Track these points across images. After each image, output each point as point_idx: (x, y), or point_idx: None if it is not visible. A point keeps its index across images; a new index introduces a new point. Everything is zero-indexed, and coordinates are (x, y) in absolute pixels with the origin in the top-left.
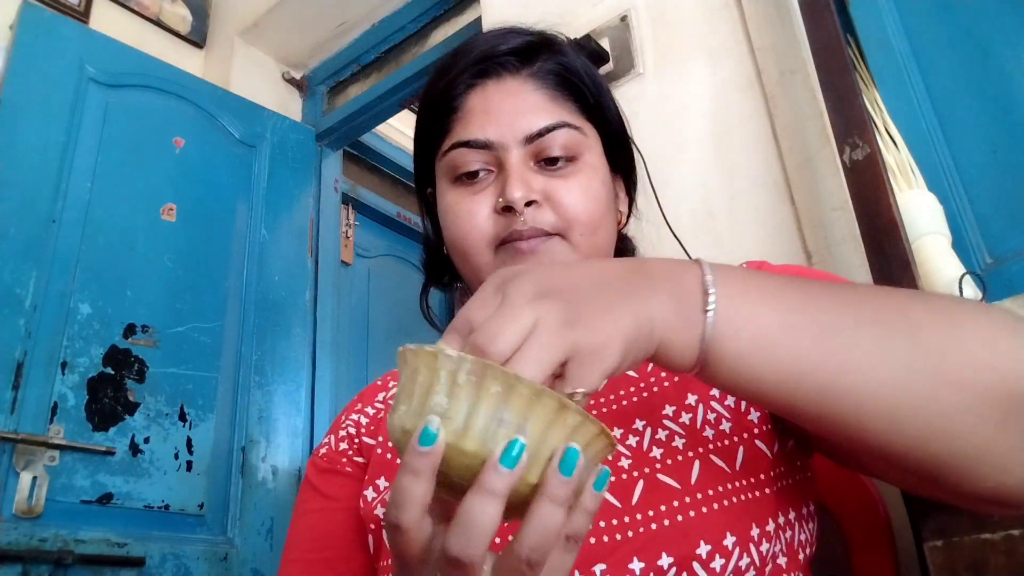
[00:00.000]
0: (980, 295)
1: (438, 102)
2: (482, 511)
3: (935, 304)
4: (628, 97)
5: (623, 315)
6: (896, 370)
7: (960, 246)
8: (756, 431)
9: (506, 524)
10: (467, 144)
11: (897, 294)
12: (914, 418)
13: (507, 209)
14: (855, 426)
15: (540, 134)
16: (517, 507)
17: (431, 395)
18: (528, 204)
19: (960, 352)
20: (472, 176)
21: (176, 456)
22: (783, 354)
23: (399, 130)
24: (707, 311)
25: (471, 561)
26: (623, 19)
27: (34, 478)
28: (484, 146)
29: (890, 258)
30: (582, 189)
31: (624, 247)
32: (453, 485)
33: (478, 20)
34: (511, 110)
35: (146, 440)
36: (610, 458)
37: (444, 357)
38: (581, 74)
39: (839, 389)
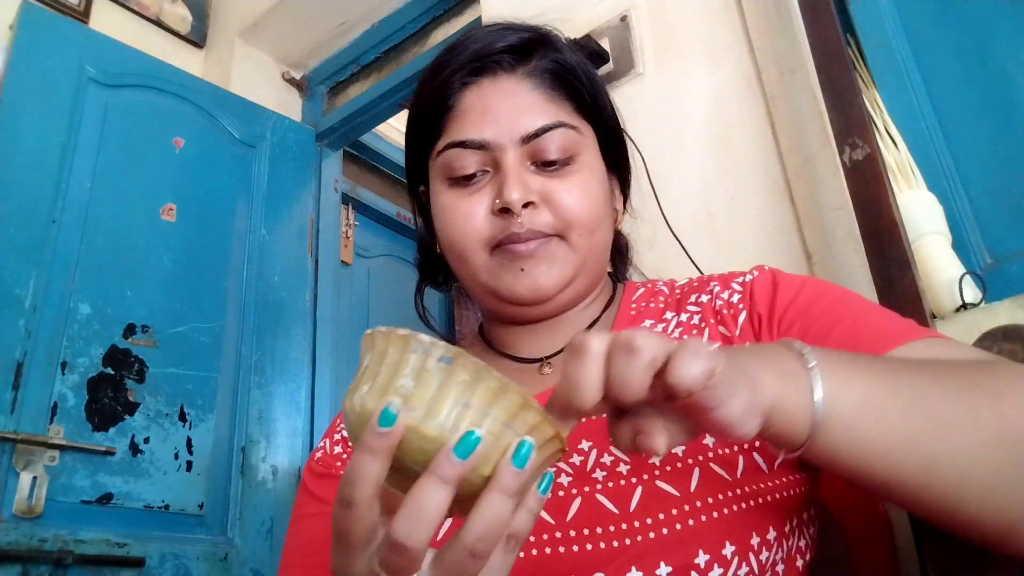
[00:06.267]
0: (980, 295)
1: (432, 100)
2: (431, 497)
3: (1006, 374)
4: (628, 97)
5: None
6: (987, 438)
7: (960, 246)
8: (757, 442)
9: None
10: (463, 144)
11: (967, 366)
12: (1000, 487)
13: (504, 211)
14: (954, 496)
15: (537, 134)
16: (466, 502)
17: (397, 377)
18: (525, 205)
19: None
20: (468, 178)
21: (176, 456)
22: (889, 417)
23: (399, 130)
24: (812, 377)
25: (415, 547)
26: (623, 19)
27: (34, 478)
28: (480, 147)
29: (890, 258)
30: (580, 189)
31: (618, 244)
32: (406, 471)
33: (478, 20)
34: (507, 110)
35: (146, 440)
36: (561, 464)
37: (416, 341)
38: (578, 72)
39: (941, 453)
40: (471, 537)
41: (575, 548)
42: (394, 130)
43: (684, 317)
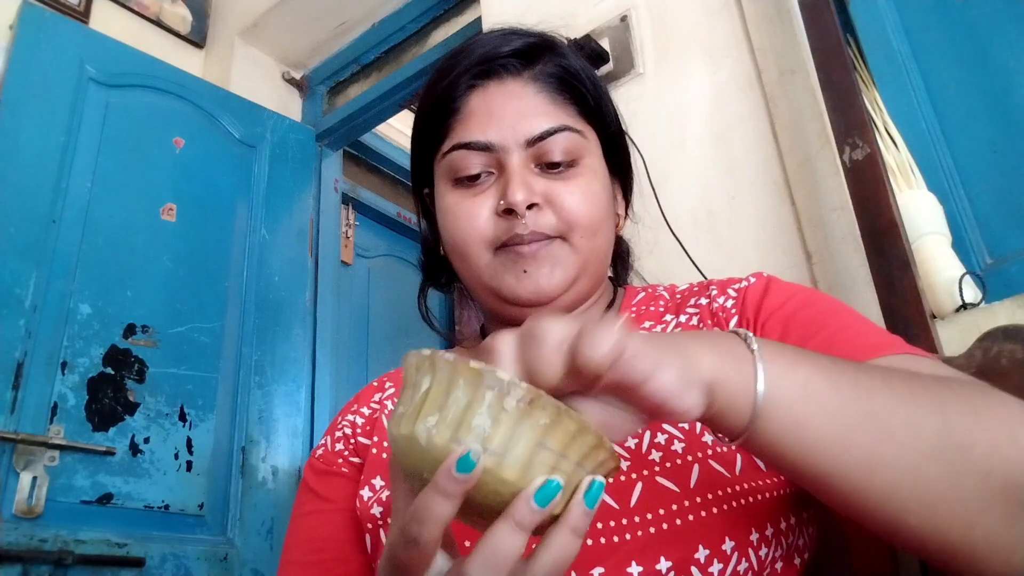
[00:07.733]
0: (980, 295)
1: (438, 103)
2: (508, 542)
3: (958, 389)
4: (628, 97)
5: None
6: (928, 446)
7: (960, 246)
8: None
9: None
10: (468, 146)
11: (926, 376)
12: (939, 500)
13: (508, 211)
14: (893, 504)
15: (541, 137)
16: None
17: (471, 415)
18: (529, 207)
19: (985, 440)
20: (473, 178)
21: (176, 456)
22: (830, 409)
23: (399, 130)
24: (755, 359)
25: None
26: (623, 19)
27: (34, 478)
28: (485, 148)
29: (890, 258)
30: (583, 192)
31: (619, 249)
32: (474, 506)
33: (478, 20)
34: (513, 112)
35: (146, 440)
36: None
37: (492, 378)
38: (582, 77)
39: (881, 454)
40: (540, 572)
41: None
42: (394, 130)
43: (683, 319)
